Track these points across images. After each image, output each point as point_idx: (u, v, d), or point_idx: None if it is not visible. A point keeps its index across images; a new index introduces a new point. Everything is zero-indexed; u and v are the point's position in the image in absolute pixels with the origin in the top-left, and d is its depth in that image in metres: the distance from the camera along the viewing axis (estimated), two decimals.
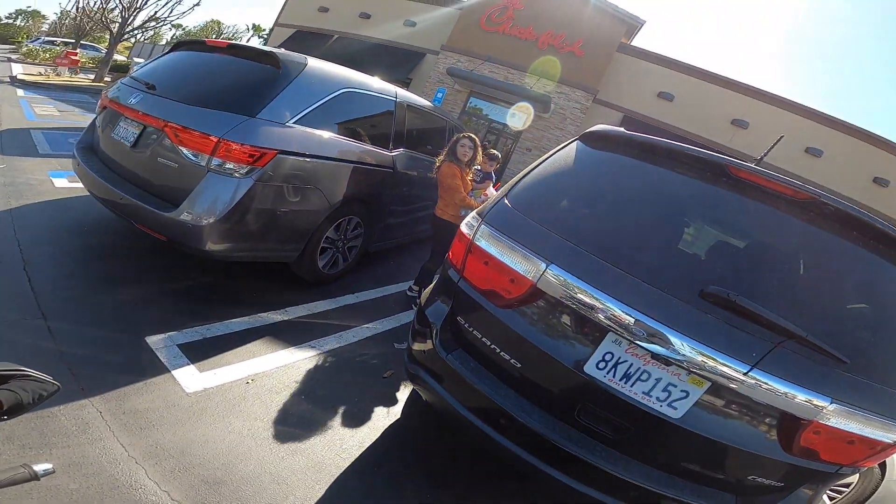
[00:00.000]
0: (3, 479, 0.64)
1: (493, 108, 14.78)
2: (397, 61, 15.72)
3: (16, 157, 4.67)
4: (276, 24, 19.82)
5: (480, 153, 3.67)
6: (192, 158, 2.52)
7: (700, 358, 1.32)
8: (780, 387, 1.30)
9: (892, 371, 1.39)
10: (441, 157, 3.52)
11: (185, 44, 3.36)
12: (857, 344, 1.41)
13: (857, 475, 2.48)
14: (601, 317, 1.42)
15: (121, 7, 14.55)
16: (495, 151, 4.04)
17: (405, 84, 15.49)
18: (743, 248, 1.65)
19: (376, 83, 3.57)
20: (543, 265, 1.50)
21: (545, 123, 13.86)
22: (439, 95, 13.68)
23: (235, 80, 2.88)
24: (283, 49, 3.36)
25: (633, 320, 1.37)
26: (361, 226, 3.54)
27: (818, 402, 1.30)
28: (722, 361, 1.31)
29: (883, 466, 2.44)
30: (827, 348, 1.31)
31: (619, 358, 1.44)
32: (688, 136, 12.97)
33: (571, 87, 13.51)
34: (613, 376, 1.44)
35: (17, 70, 13.43)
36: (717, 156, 1.57)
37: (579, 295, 1.45)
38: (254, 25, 43.82)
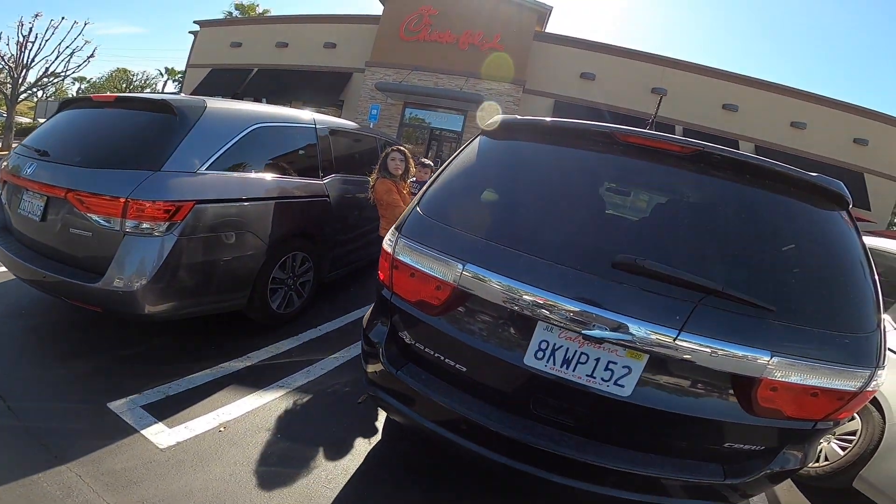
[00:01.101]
0: None
1: (433, 115, 14.97)
2: (325, 85, 15.64)
3: None
4: (188, 65, 19.33)
5: (412, 164, 3.69)
6: (105, 224, 2.40)
7: (628, 331, 1.30)
8: (715, 346, 1.27)
9: (828, 312, 1.36)
10: (374, 176, 3.52)
11: (72, 102, 3.19)
12: (780, 289, 1.38)
13: (860, 423, 2.46)
14: (526, 306, 1.42)
15: (7, 67, 13.73)
16: (427, 161, 4.08)
17: (338, 106, 15.42)
18: (646, 211, 1.71)
19: (290, 114, 3.51)
20: (460, 266, 1.51)
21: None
22: (374, 112, 13.70)
23: (132, 135, 2.75)
24: (183, 95, 3.26)
25: (554, 304, 1.37)
26: (309, 259, 3.48)
27: (759, 357, 1.27)
28: (649, 330, 1.29)
29: (882, 411, 2.38)
30: (747, 298, 1.29)
31: (555, 344, 1.43)
32: (615, 109, 13.61)
33: (500, 81, 13.86)
34: (553, 364, 1.44)
35: None
36: (602, 125, 1.60)
37: (499, 289, 1.45)
38: (167, 69, 42.26)
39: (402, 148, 3.59)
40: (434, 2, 14.29)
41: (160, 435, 2.16)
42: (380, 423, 2.50)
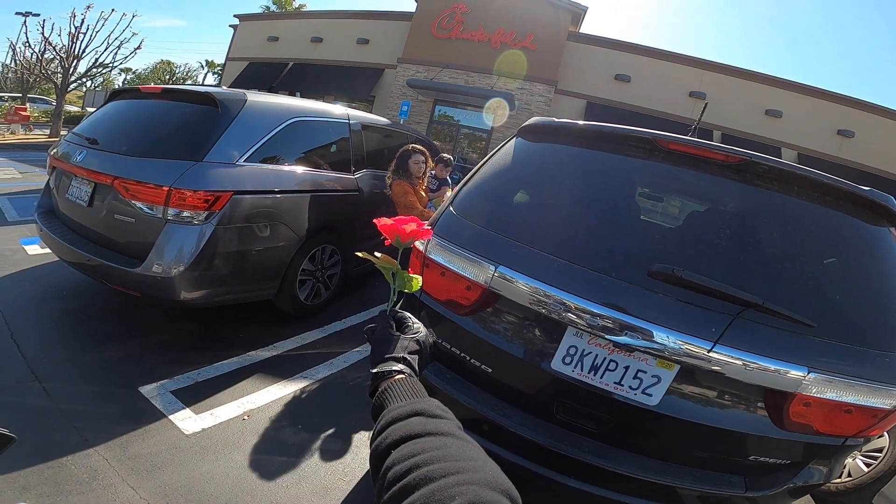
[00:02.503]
0: None
1: (462, 113, 14.93)
2: (358, 81, 15.81)
3: None
4: (227, 58, 19.83)
5: (430, 161, 3.63)
6: (148, 211, 2.51)
7: (661, 340, 1.28)
8: (750, 360, 1.25)
9: (869, 330, 1.32)
10: (390, 174, 3.48)
11: (121, 93, 3.33)
12: (823, 305, 1.35)
13: (888, 439, 2.41)
14: (557, 311, 1.41)
15: (59, 58, 14.32)
16: (447, 156, 3.86)
17: (369, 102, 15.57)
18: (685, 220, 1.67)
19: (325, 109, 3.58)
20: (492, 268, 1.51)
21: (513, 121, 14.02)
22: (405, 108, 13.78)
23: (177, 126, 2.85)
24: (224, 88, 3.36)
25: (586, 310, 1.36)
26: (338, 253, 3.54)
27: (795, 372, 1.24)
28: (683, 341, 1.27)
29: None
30: (788, 313, 1.25)
31: (584, 350, 1.42)
32: (650, 113, 13.27)
33: (532, 81, 13.74)
34: (581, 370, 1.42)
35: None
36: (643, 131, 1.57)
37: (532, 293, 1.44)
38: (207, 62, 43.61)
39: (420, 147, 3.48)
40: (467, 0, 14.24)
41: (187, 421, 2.23)
42: None
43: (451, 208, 1.75)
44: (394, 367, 0.64)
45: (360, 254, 0.83)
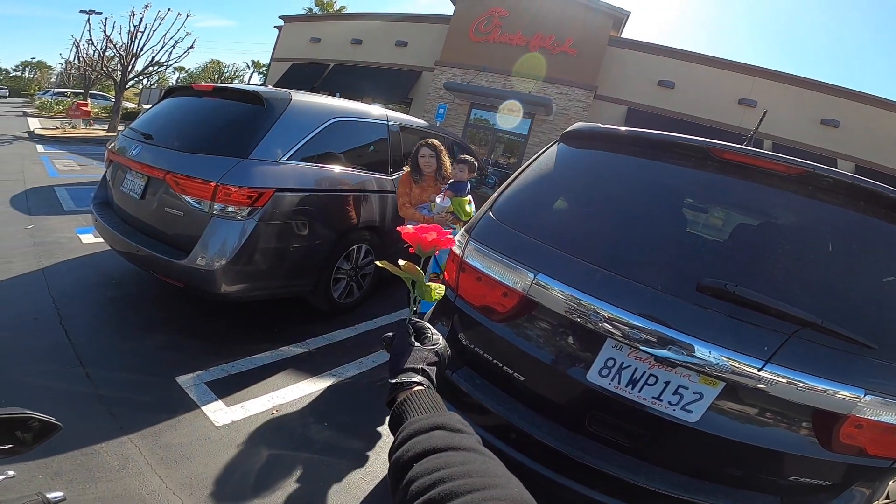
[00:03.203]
0: None
1: (498, 118, 14.85)
2: (395, 83, 16.01)
3: (43, 215, 4.93)
4: (272, 58, 20.49)
5: (447, 161, 3.29)
6: (196, 205, 2.61)
7: (707, 357, 1.24)
8: (803, 380, 1.19)
9: None
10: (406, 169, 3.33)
11: (175, 90, 3.48)
12: (882, 325, 1.29)
13: None
14: (597, 323, 1.37)
15: (119, 55, 15.13)
16: (469, 157, 3.29)
17: (406, 104, 15.73)
18: (735, 233, 1.60)
19: (365, 109, 3.63)
20: (531, 275, 1.48)
21: (550, 126, 13.88)
22: (441, 111, 13.85)
23: (225, 123, 2.95)
24: (271, 87, 3.45)
25: (629, 323, 1.32)
26: (372, 252, 3.58)
27: (850, 394, 1.19)
28: (731, 359, 1.22)
29: None
30: (848, 334, 1.19)
31: (622, 363, 1.38)
32: (696, 120, 12.83)
33: (570, 86, 13.54)
34: (619, 383, 1.38)
35: (35, 125, 14.13)
36: (696, 139, 1.52)
37: (571, 302, 1.41)
38: (253, 62, 45.32)
39: (433, 142, 3.21)
40: (505, 3, 14.16)
41: (218, 413, 2.28)
42: None
43: (490, 213, 1.73)
44: (413, 379, 0.64)
45: (379, 263, 0.83)
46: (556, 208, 1.69)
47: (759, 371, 1.21)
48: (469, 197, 3.19)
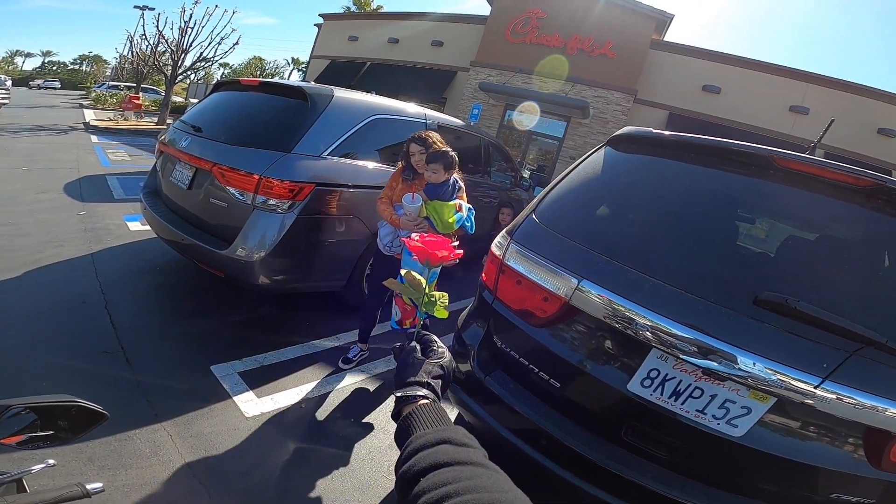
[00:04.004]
0: (58, 496, 0.71)
1: (533, 120, 14.69)
2: (430, 82, 16.07)
3: (94, 203, 5.20)
4: (311, 56, 20.93)
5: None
6: (239, 197, 2.67)
7: (761, 372, 1.20)
8: (862, 399, 1.15)
9: None
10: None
11: (224, 84, 3.58)
12: None
13: None
14: (642, 332, 1.33)
15: (170, 50, 15.74)
16: (444, 150, 2.48)
17: (441, 104, 15.78)
18: (800, 247, 1.52)
19: (404, 107, 3.64)
20: (575, 281, 1.45)
21: (586, 129, 13.64)
22: (475, 112, 13.81)
23: (270, 117, 3.02)
24: (313, 83, 3.50)
25: (677, 334, 1.28)
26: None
27: None
28: (787, 375, 1.19)
29: None
30: None
31: (667, 375, 1.34)
32: (742, 127, 12.34)
33: (609, 89, 13.25)
34: (661, 394, 1.35)
35: (90, 116, 14.93)
36: (759, 147, 1.46)
37: (616, 310, 1.37)
38: (293, 59, 46.61)
39: (426, 135, 2.56)
40: (543, 4, 13.97)
41: (248, 403, 2.31)
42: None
43: (534, 216, 1.70)
44: (418, 392, 0.65)
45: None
46: (602, 213, 1.66)
47: (815, 388, 1.17)
48: (459, 202, 2.53)
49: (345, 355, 2.83)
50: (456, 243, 0.90)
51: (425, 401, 0.64)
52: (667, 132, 1.68)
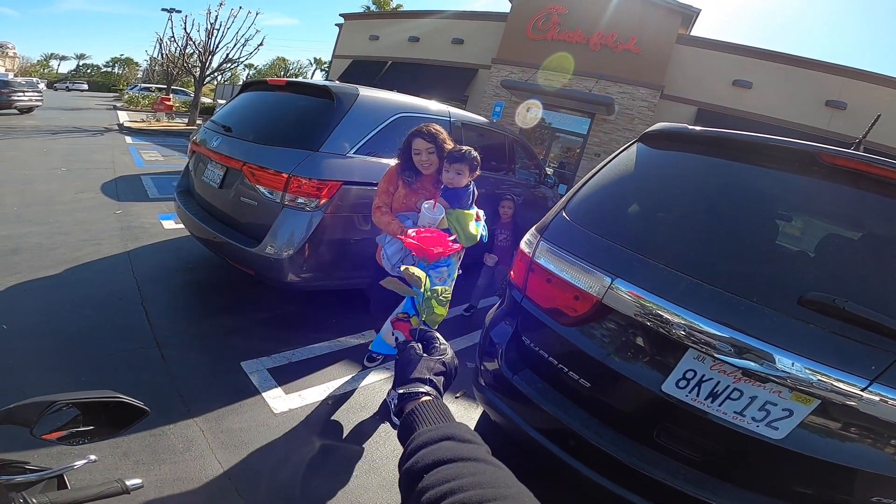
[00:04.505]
0: (99, 492, 0.72)
1: (556, 116, 14.54)
2: (452, 80, 16.06)
3: (130, 202, 5.38)
4: (333, 56, 21.16)
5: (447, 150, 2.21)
6: (269, 195, 2.72)
7: (805, 374, 1.17)
8: None
9: None
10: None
11: (252, 84, 3.64)
12: None
13: None
14: (678, 332, 1.30)
15: (197, 52, 16.15)
16: (467, 150, 2.17)
17: (462, 102, 15.75)
18: (844, 246, 1.46)
19: (428, 105, 3.63)
20: (608, 280, 1.43)
21: (611, 126, 13.41)
22: (497, 109, 13.74)
23: (297, 116, 3.05)
24: (337, 81, 3.53)
25: (717, 335, 1.25)
26: None
27: None
28: (833, 377, 1.16)
29: None
30: None
31: (703, 376, 1.31)
32: (776, 122, 11.93)
33: (634, 85, 13.01)
34: (697, 395, 1.32)
35: (123, 118, 15.43)
36: (803, 143, 1.41)
37: (651, 309, 1.35)
38: (315, 59, 47.29)
39: (433, 128, 2.20)
40: (563, 1, 13.78)
41: (277, 400, 2.35)
42: (472, 422, 2.48)
43: (564, 213, 1.68)
44: (420, 389, 0.65)
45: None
46: (634, 211, 1.62)
47: (862, 391, 1.13)
48: (476, 210, 2.27)
49: (369, 353, 2.84)
50: (453, 238, 0.89)
51: (427, 398, 0.64)
52: (700, 128, 1.64)
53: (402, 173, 2.27)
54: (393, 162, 2.41)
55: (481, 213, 2.31)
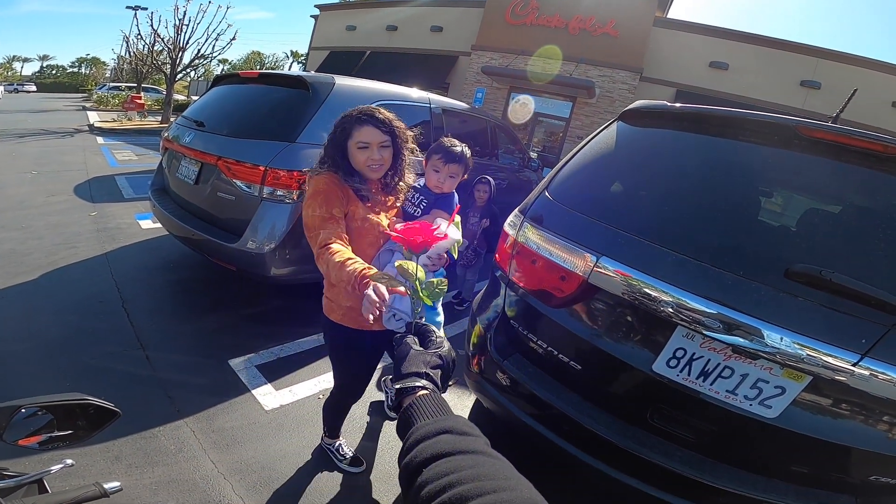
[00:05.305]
0: (77, 496, 0.72)
1: (538, 101, 14.48)
2: (432, 68, 15.86)
3: (105, 203, 5.22)
4: (310, 48, 20.73)
5: (408, 153, 1.61)
6: (246, 189, 2.65)
7: (795, 349, 1.15)
8: None
9: None
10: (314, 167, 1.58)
11: (224, 78, 3.54)
12: None
13: None
14: (666, 310, 1.29)
15: (167, 49, 15.69)
16: (457, 146, 1.70)
17: (443, 89, 15.60)
18: (829, 219, 1.46)
19: (408, 92, 3.57)
20: (593, 258, 1.41)
21: (593, 109, 13.44)
22: (479, 96, 13.63)
23: (272, 108, 2.97)
24: (312, 72, 3.44)
25: (705, 311, 1.23)
26: None
27: None
28: (824, 351, 1.14)
29: None
30: None
31: (694, 354, 1.30)
32: (753, 102, 12.08)
33: (614, 68, 13.03)
34: (688, 374, 1.30)
35: (94, 118, 14.96)
36: (783, 118, 1.40)
37: (638, 287, 1.33)
38: (292, 52, 46.37)
39: (384, 113, 1.54)
40: None
41: (267, 396, 2.32)
42: (466, 410, 2.48)
43: (547, 193, 1.66)
44: (417, 383, 0.65)
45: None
46: (617, 188, 1.61)
47: (853, 365, 1.12)
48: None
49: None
50: (436, 227, 0.87)
51: (424, 391, 0.64)
52: (680, 104, 1.62)
53: (350, 181, 1.49)
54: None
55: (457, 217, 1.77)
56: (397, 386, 0.66)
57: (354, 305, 1.51)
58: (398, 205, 1.64)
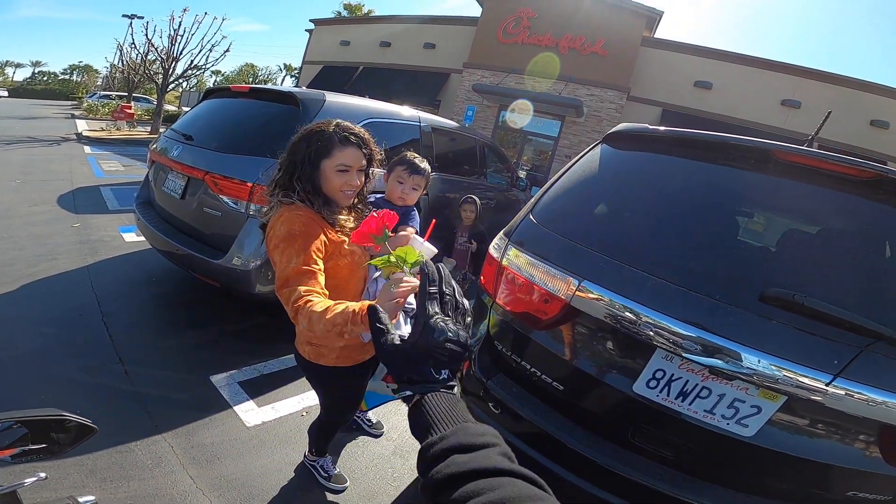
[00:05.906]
0: None
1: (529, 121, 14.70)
2: (424, 85, 16.07)
3: (89, 214, 5.16)
4: (304, 61, 20.88)
5: (378, 163, 1.51)
6: (233, 206, 2.64)
7: (771, 370, 1.18)
8: (874, 396, 1.13)
9: None
10: (273, 184, 1.49)
11: (215, 91, 3.54)
12: None
13: None
14: (646, 332, 1.31)
15: (160, 59, 15.68)
16: (420, 158, 1.79)
17: (435, 107, 15.78)
18: (802, 241, 1.50)
19: (398, 110, 3.61)
20: (575, 282, 1.42)
21: (580, 128, 13.66)
22: (469, 114, 13.80)
23: (262, 124, 2.98)
24: (304, 87, 3.47)
25: (682, 333, 1.26)
26: None
27: None
28: (797, 372, 1.17)
29: None
30: None
31: (672, 375, 1.32)
32: (736, 122, 12.40)
33: (602, 87, 13.31)
34: (667, 395, 1.32)
35: (82, 126, 14.80)
36: (759, 141, 1.44)
37: (618, 311, 1.35)
38: (285, 65, 46.62)
39: (360, 131, 1.43)
40: (533, 4, 14.01)
41: (249, 413, 2.29)
42: None
43: (531, 216, 1.68)
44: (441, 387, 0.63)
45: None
46: (600, 212, 1.63)
47: (826, 385, 1.15)
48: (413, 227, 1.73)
49: (359, 417, 2.68)
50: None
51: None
52: (663, 128, 1.66)
53: (324, 211, 1.35)
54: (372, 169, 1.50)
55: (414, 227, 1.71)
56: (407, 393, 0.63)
57: (351, 342, 1.42)
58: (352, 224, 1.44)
